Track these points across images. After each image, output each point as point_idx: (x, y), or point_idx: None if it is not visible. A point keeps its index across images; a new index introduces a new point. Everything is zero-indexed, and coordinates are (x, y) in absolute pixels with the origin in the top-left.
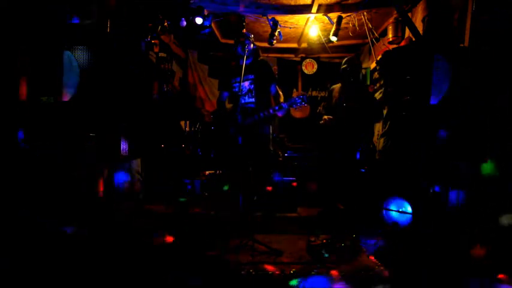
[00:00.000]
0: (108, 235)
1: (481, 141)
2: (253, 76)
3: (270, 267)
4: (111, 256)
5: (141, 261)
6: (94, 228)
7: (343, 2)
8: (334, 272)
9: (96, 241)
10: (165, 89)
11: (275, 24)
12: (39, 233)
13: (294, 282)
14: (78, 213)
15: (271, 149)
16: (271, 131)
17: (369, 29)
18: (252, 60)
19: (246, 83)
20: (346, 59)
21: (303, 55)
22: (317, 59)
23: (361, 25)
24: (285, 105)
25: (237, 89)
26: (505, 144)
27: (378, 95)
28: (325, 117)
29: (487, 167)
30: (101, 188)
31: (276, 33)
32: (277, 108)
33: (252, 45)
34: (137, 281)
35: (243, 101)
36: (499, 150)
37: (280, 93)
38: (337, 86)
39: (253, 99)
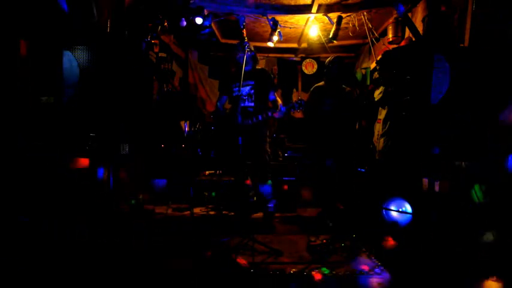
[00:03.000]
0: (109, 235)
1: (481, 141)
2: (253, 82)
3: (270, 267)
4: (111, 256)
5: (141, 260)
6: (95, 228)
7: (343, 2)
8: (334, 272)
9: (97, 241)
10: (165, 89)
11: (275, 24)
12: (39, 234)
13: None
14: (79, 214)
15: (269, 150)
16: (267, 133)
17: (369, 29)
18: (252, 67)
19: (246, 88)
20: (330, 58)
21: (303, 55)
22: (317, 59)
23: (361, 25)
24: (283, 109)
25: (236, 94)
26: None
27: (377, 95)
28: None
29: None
30: (102, 188)
31: (276, 33)
32: (275, 111)
33: (250, 53)
34: (136, 281)
35: (242, 105)
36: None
37: (279, 99)
38: (320, 84)
39: (252, 104)
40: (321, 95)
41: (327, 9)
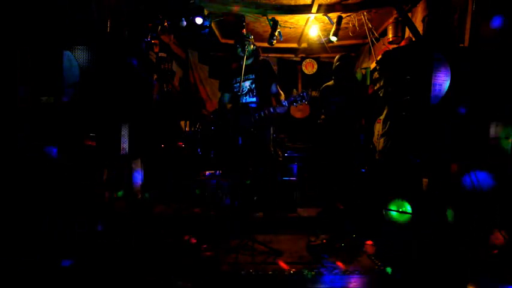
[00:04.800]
0: (108, 234)
1: (481, 142)
2: (254, 76)
3: (269, 267)
4: (110, 255)
5: (140, 260)
6: (94, 227)
7: (343, 2)
8: (334, 272)
9: (97, 239)
10: (165, 89)
11: (275, 24)
12: (39, 234)
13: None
14: (79, 214)
15: (272, 149)
16: (272, 133)
17: (369, 29)
18: (253, 61)
19: (247, 83)
20: (338, 56)
21: (303, 55)
22: (317, 59)
23: (361, 25)
24: (285, 103)
25: (237, 89)
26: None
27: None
28: (323, 116)
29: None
30: (101, 188)
31: (276, 33)
32: (277, 106)
33: (252, 46)
34: (135, 281)
35: (244, 101)
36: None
37: (281, 92)
38: (329, 84)
39: (254, 99)
40: (329, 95)
41: (327, 9)
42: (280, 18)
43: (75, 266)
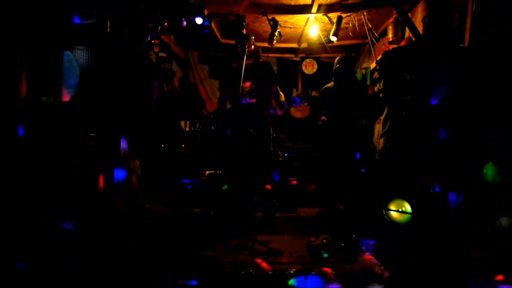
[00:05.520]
0: (108, 234)
1: (481, 142)
2: (254, 76)
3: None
4: (110, 255)
5: (140, 260)
6: (94, 227)
7: (343, 2)
8: (334, 272)
9: (96, 239)
10: (165, 89)
11: (275, 24)
12: (39, 232)
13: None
14: (79, 212)
15: (272, 149)
16: (272, 133)
17: (369, 29)
18: (253, 61)
19: (247, 84)
20: (338, 57)
21: (303, 55)
22: (317, 59)
23: (361, 25)
24: (285, 104)
25: (237, 90)
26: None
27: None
28: (322, 117)
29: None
30: (101, 188)
31: (276, 33)
32: (277, 107)
33: (252, 47)
34: (135, 281)
35: (243, 101)
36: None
37: (281, 93)
38: (329, 85)
39: (254, 100)
40: (329, 96)
41: (327, 9)
42: (280, 18)
43: (75, 265)
